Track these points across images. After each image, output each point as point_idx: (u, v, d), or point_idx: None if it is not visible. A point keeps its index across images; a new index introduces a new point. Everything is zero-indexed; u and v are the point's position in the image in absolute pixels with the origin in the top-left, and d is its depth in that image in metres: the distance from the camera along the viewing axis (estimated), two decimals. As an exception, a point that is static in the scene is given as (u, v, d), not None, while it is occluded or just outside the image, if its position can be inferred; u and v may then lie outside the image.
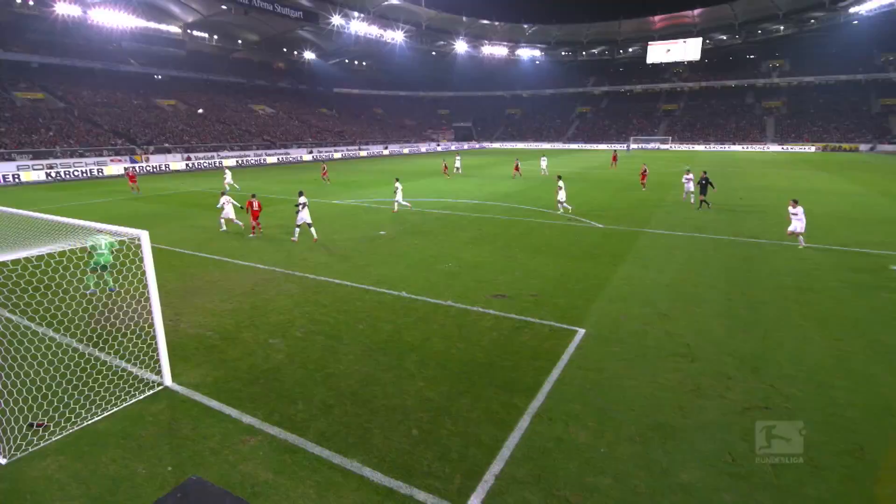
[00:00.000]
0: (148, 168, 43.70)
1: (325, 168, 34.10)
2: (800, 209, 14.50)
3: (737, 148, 76.94)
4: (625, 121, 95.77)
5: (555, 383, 7.15)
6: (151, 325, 6.83)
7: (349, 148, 70.16)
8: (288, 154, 59.63)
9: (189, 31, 74.75)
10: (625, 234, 16.76)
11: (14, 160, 38.26)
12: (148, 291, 6.72)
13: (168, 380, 7.05)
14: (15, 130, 42.82)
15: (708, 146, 79.56)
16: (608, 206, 23.13)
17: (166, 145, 51.17)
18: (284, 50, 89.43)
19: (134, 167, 38.37)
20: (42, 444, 5.75)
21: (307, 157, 61.19)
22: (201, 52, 77.11)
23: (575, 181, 34.24)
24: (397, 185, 21.64)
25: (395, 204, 21.44)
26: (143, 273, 6.69)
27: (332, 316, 9.65)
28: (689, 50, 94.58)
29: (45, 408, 6.25)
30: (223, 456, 5.60)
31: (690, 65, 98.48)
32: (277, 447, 5.75)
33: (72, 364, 7.46)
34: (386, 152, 74.36)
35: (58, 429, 6.01)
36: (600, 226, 18.37)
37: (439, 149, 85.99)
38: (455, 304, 10.24)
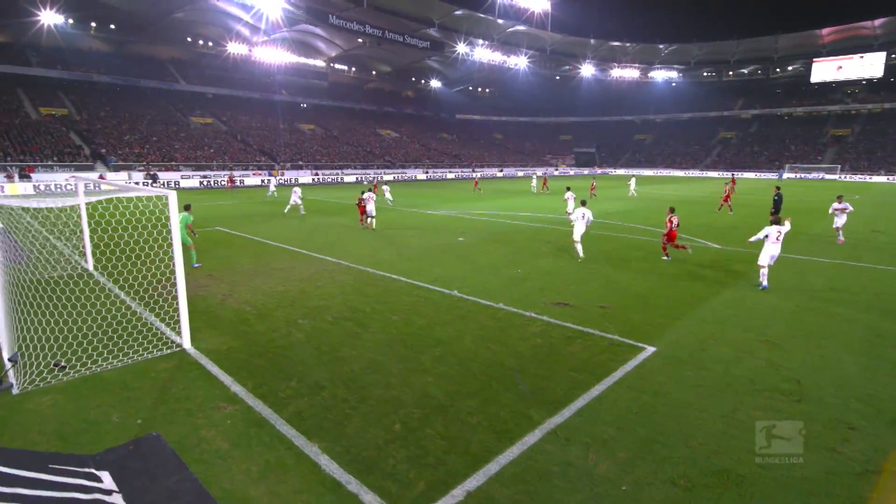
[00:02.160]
0: (282, 181, 49.12)
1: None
2: None
3: (934, 182, 62.24)
4: (779, 147, 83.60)
5: (591, 401, 5.71)
6: (174, 285, 6.90)
7: (463, 170, 71.60)
8: (405, 173, 62.93)
9: (331, 64, 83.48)
10: (745, 256, 13.95)
11: (179, 171, 45.99)
12: (172, 252, 6.83)
13: (187, 343, 7.06)
14: (186, 148, 51.33)
15: (891, 177, 65.56)
16: (733, 226, 19.81)
17: (300, 162, 57.13)
18: (412, 79, 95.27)
19: (232, 174, 45.73)
20: (53, 382, 5.98)
21: (422, 177, 64.07)
22: (340, 82, 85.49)
23: (700, 204, 30.48)
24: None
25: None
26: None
27: (371, 306, 9.15)
28: (867, 66, 79.57)
29: (64, 350, 6.55)
30: (194, 418, 5.27)
31: (869, 84, 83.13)
32: (248, 419, 5.26)
33: (113, 310, 7.92)
34: (500, 174, 74.49)
35: (72, 371, 6.24)
36: (717, 246, 15.66)
37: (556, 173, 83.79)
38: (506, 308, 9.09)
